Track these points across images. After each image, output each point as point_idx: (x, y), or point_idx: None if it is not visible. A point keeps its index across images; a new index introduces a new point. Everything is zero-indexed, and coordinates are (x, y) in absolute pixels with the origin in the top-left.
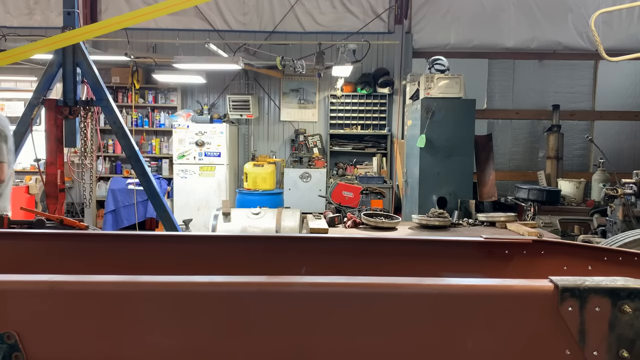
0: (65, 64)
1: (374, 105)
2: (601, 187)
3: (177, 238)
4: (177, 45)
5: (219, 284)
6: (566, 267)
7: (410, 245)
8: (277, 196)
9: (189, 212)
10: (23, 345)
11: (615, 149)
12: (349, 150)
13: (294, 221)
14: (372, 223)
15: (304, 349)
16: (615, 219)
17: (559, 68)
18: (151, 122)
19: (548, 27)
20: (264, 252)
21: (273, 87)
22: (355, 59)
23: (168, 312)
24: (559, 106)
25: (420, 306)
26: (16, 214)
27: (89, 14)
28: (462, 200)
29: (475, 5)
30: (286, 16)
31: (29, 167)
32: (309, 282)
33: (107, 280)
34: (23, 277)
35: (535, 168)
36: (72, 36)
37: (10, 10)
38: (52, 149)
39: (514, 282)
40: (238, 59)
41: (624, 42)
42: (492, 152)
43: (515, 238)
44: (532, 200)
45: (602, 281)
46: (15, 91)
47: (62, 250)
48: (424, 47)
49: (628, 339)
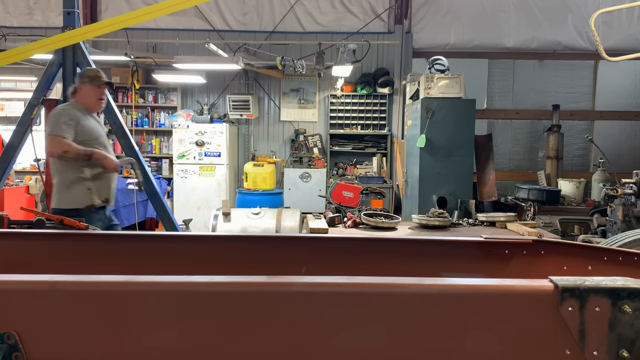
0: (65, 64)
1: (374, 105)
2: (601, 187)
3: (177, 238)
4: (177, 45)
5: (219, 284)
6: (566, 267)
7: (410, 245)
8: (277, 196)
9: (189, 212)
10: (23, 345)
11: (615, 149)
12: (349, 150)
13: (294, 221)
14: (372, 223)
15: (304, 349)
16: (615, 219)
17: (559, 68)
18: (151, 122)
19: (548, 27)
20: (264, 252)
21: (273, 87)
22: (355, 59)
23: (168, 312)
24: (559, 106)
25: (420, 306)
26: (16, 214)
27: (89, 14)
28: (462, 200)
29: (475, 5)
30: (286, 16)
31: (29, 167)
32: (309, 282)
33: (107, 280)
34: (23, 277)
35: (535, 168)
36: (72, 36)
37: (10, 10)
38: None
39: (514, 282)
40: (238, 59)
41: (624, 42)
42: (492, 152)
43: (515, 238)
44: (532, 200)
45: (602, 281)
46: (15, 91)
47: (62, 250)
48: (424, 47)
49: (628, 339)
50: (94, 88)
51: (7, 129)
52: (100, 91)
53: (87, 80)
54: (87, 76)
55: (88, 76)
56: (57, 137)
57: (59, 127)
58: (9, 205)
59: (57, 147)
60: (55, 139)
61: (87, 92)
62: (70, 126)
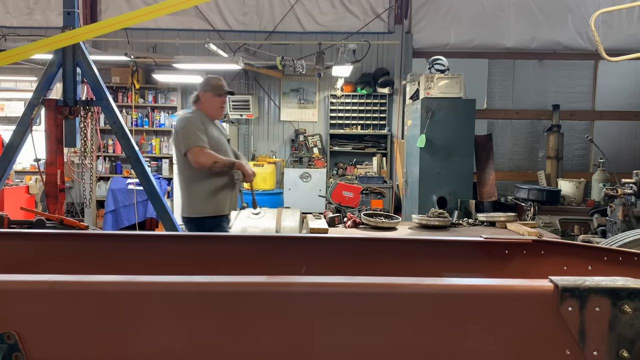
0: (65, 64)
1: (374, 105)
2: (601, 187)
3: (177, 238)
4: (177, 45)
5: (219, 284)
6: (566, 267)
7: (410, 245)
8: (277, 196)
9: None
10: (23, 345)
11: (615, 149)
12: (349, 150)
13: (294, 221)
14: (372, 223)
15: (304, 349)
16: (615, 219)
17: (559, 68)
18: (151, 122)
19: (548, 27)
20: (264, 252)
21: (273, 87)
22: (355, 59)
23: (168, 312)
24: (559, 106)
25: (420, 306)
26: (16, 214)
27: (89, 14)
28: (462, 200)
29: (475, 5)
30: (286, 16)
31: (29, 167)
32: (309, 282)
33: (107, 280)
34: (23, 277)
35: (535, 168)
36: (72, 36)
37: (10, 10)
38: (52, 149)
39: (514, 282)
40: (238, 59)
41: (624, 42)
42: (492, 152)
43: (515, 238)
44: (532, 200)
45: (602, 281)
46: (15, 91)
47: (62, 250)
48: (424, 47)
49: (628, 339)
50: (215, 97)
51: (7, 129)
52: (221, 100)
53: (209, 89)
54: (210, 85)
55: (211, 85)
56: (201, 148)
57: (197, 138)
58: (9, 205)
59: (206, 159)
60: (200, 151)
61: (210, 100)
62: (204, 135)
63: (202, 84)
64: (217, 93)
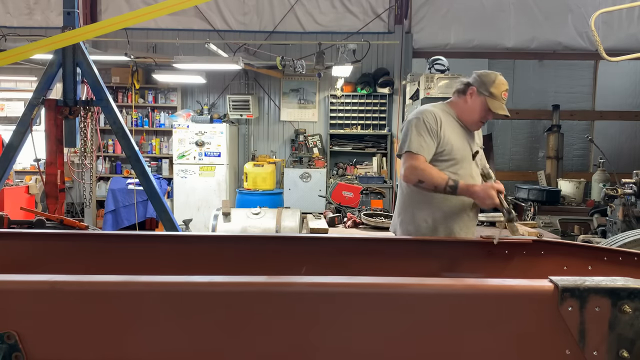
0: (65, 64)
1: (374, 105)
2: (601, 187)
3: (177, 238)
4: (177, 45)
5: (219, 284)
6: (566, 267)
7: (410, 245)
8: (277, 196)
9: (189, 212)
10: (23, 345)
11: (615, 149)
12: (349, 150)
13: (294, 221)
14: (372, 223)
15: (304, 349)
16: (615, 219)
17: (559, 68)
18: (151, 122)
19: (548, 27)
20: (264, 252)
21: (273, 87)
22: (355, 59)
23: (168, 312)
24: (559, 106)
25: (420, 306)
26: (16, 214)
27: (89, 14)
28: None
29: (475, 5)
30: (286, 16)
31: (29, 167)
32: (309, 282)
33: (107, 280)
34: (23, 277)
35: (535, 168)
36: (72, 36)
37: (10, 10)
38: (52, 149)
39: (514, 282)
40: (238, 59)
41: (624, 42)
42: (492, 152)
43: (515, 238)
44: (532, 200)
45: (602, 281)
46: (15, 91)
47: (62, 250)
48: (424, 47)
49: (628, 339)
50: (486, 106)
51: (7, 129)
52: (488, 114)
53: (487, 94)
54: (489, 90)
55: (490, 92)
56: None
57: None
58: (9, 205)
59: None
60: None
61: (476, 104)
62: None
63: (481, 81)
64: (492, 106)
